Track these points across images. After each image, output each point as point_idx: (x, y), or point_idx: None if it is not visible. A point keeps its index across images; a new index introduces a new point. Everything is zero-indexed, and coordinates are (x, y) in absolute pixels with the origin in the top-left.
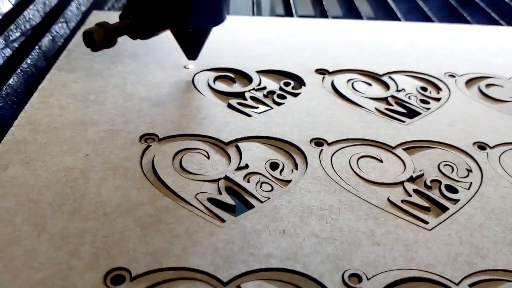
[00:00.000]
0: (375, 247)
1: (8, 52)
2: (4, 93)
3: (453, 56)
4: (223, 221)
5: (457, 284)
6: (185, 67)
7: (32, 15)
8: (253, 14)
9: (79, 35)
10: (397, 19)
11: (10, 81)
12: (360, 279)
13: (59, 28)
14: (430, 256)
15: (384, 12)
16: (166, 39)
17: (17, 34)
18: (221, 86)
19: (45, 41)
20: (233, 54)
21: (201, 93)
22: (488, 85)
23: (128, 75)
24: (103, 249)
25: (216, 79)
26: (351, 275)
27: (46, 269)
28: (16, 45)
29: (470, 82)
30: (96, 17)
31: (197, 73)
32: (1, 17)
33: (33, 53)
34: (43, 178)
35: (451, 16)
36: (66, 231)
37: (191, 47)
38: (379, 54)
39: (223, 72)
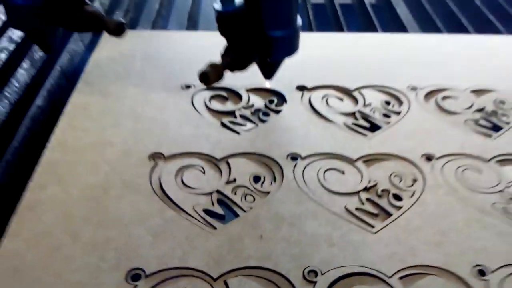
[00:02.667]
0: (331, 248)
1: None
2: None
3: (421, 67)
4: (215, 228)
5: (390, 277)
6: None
7: None
8: None
9: (94, 57)
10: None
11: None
12: (316, 274)
13: (76, 46)
14: (372, 255)
15: (365, 25)
16: (168, 59)
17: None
18: (216, 105)
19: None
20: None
21: (198, 113)
22: (444, 98)
23: (137, 96)
24: (124, 254)
25: (211, 98)
26: (309, 271)
27: (81, 271)
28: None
29: (429, 94)
30: (107, 39)
31: (195, 93)
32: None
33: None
34: (74, 195)
35: (427, 25)
36: (94, 240)
37: (270, 70)
38: (353, 67)
39: (217, 91)
